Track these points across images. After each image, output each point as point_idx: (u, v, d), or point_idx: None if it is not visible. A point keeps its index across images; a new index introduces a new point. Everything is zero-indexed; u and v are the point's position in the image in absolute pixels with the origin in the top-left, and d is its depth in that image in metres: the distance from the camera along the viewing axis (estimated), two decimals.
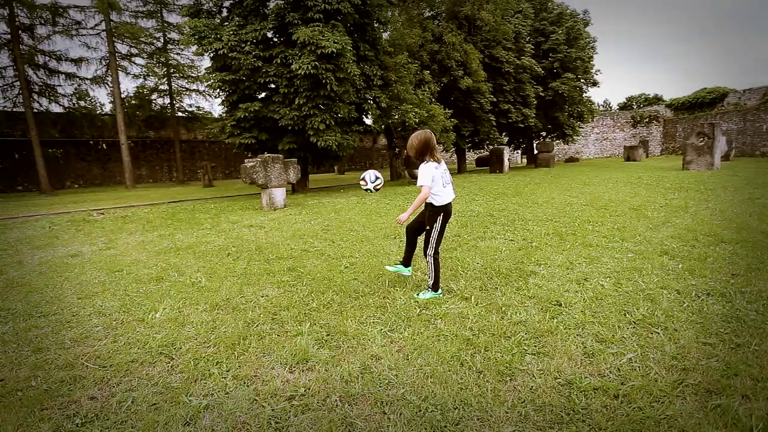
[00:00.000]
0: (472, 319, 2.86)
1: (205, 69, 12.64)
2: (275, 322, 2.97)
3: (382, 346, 2.55)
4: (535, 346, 2.46)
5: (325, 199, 11.02)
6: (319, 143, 11.90)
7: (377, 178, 3.70)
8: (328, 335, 2.72)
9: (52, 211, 11.17)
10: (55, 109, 19.71)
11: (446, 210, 3.35)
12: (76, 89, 20.63)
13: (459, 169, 23.43)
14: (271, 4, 11.29)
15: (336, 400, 2.03)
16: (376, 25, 13.92)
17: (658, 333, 2.55)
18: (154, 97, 23.62)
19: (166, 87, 23.00)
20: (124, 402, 2.10)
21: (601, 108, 51.41)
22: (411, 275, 3.79)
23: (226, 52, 11.36)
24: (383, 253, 4.83)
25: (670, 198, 8.09)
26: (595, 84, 25.47)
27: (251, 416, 1.94)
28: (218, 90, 12.61)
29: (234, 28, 11.74)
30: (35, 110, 18.01)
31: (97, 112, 21.50)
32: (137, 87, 22.56)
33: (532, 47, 22.15)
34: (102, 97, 18.80)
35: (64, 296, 3.76)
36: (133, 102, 22.09)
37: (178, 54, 21.48)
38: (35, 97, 18.58)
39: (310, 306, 3.24)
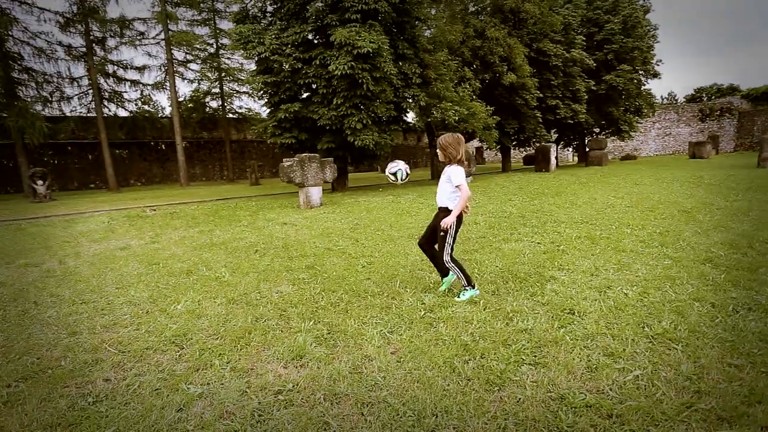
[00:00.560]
0: (476, 325, 2.78)
1: (250, 72, 13.23)
2: (282, 318, 3.07)
3: (378, 347, 2.55)
4: (535, 356, 2.35)
5: (362, 198, 11.15)
6: (356, 142, 12.06)
7: (399, 170, 3.65)
8: (328, 333, 2.77)
9: (114, 207, 12.25)
10: (122, 113, 21.56)
11: (461, 214, 3.29)
12: (141, 94, 22.47)
13: (503, 168, 22.74)
14: (311, 8, 11.58)
15: (320, 397, 2.07)
16: (415, 22, 13.84)
17: (677, 349, 2.34)
18: (207, 100, 25.11)
19: (218, 90, 24.36)
20: (132, 385, 2.27)
21: (665, 101, 47.54)
22: (426, 276, 3.75)
23: (268, 55, 11.83)
24: (403, 253, 4.81)
25: (731, 200, 7.34)
26: (656, 75, 23.64)
27: (238, 407, 2.02)
28: (261, 92, 13.16)
29: (276, 32, 12.18)
30: (105, 115, 19.79)
31: (158, 115, 23.19)
32: (192, 91, 24.12)
33: (584, 39, 20.95)
34: (163, 101, 20.39)
35: (105, 286, 4.12)
36: (189, 105, 23.62)
37: (228, 58, 22.67)
38: (105, 102, 20.42)
39: (319, 304, 3.31)
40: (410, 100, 14.22)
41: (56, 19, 17.77)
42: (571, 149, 34.62)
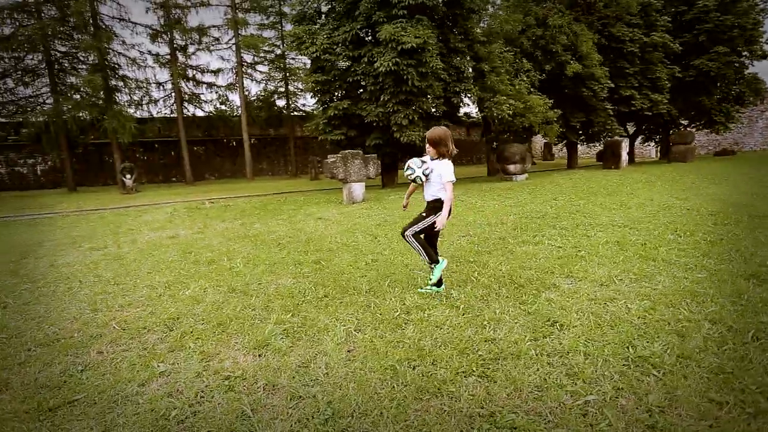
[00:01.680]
0: (444, 330, 2.69)
1: (304, 72, 13.80)
2: (266, 309, 3.23)
3: (338, 344, 2.59)
4: (488, 368, 2.22)
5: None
6: (402, 139, 12.06)
7: (423, 162, 3.28)
8: (300, 327, 2.87)
9: (183, 199, 13.58)
10: (199, 113, 23.72)
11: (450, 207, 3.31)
12: (219, 95, 24.54)
13: (569, 164, 21.27)
14: (361, 6, 11.73)
15: (260, 386, 2.16)
16: (468, 14, 13.41)
17: (654, 376, 2.07)
18: (274, 99, 26.64)
19: (284, 89, 25.73)
20: (116, 359, 2.56)
21: None
22: (423, 276, 3.70)
23: (319, 54, 12.25)
24: (413, 251, 4.75)
25: None
26: (765, 57, 20.36)
27: (187, 387, 2.20)
28: (314, 91, 13.67)
29: (328, 31, 12.57)
30: (184, 115, 21.93)
31: (230, 114, 25.12)
32: (260, 91, 25.74)
33: (668, 19, 18.71)
34: (236, 101, 22.15)
35: (139, 270, 4.63)
36: (257, 104, 25.26)
37: (293, 59, 23.82)
38: (185, 104, 22.61)
39: (306, 298, 3.42)
40: (461, 95, 13.85)
41: (147, 31, 20.02)
42: (653, 144, 31.24)
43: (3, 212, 11.79)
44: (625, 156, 17.48)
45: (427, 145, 3.30)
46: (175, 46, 21.06)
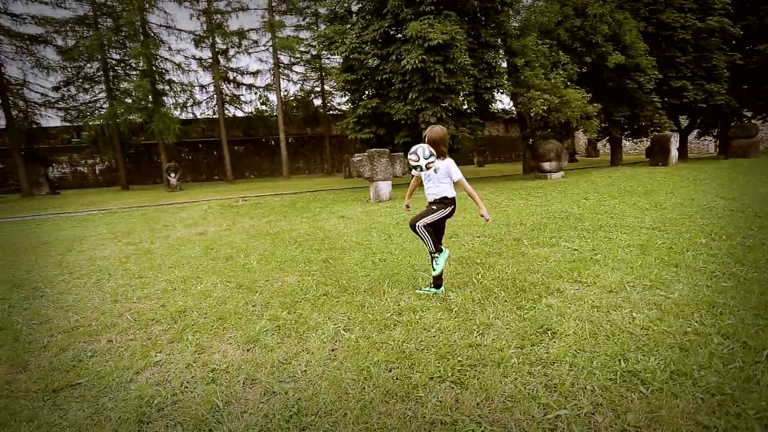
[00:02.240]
0: (432, 333, 2.66)
1: (334, 72, 14.00)
2: (266, 305, 3.33)
3: (324, 342, 2.63)
4: (465, 374, 2.17)
5: None
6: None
7: (431, 154, 3.14)
8: (292, 324, 2.94)
9: (221, 197, 14.23)
10: (239, 114, 24.72)
11: (455, 205, 3.34)
12: (259, 96, 25.47)
13: (612, 161, 20.15)
14: (389, 4, 11.72)
15: (240, 380, 2.25)
16: (501, 7, 13.03)
17: (640, 393, 1.93)
18: (311, 98, 27.24)
19: (319, 89, 26.24)
20: (121, 348, 2.75)
21: None
22: (427, 278, 3.67)
23: (348, 54, 12.38)
24: (423, 251, 4.72)
25: None
26: None
27: (175, 377, 2.33)
28: (344, 90, 13.85)
29: (357, 30, 12.67)
30: (225, 116, 22.94)
31: (269, 114, 25.99)
32: (297, 91, 26.42)
33: (728, 1, 17.17)
34: (275, 101, 22.94)
35: (163, 265, 4.92)
36: (293, 104, 25.95)
37: (328, 59, 24.21)
38: (226, 105, 23.65)
39: (305, 296, 3.49)
40: (494, 91, 13.50)
41: (191, 37, 21.12)
42: (711, 138, 28.82)
43: (63, 209, 12.93)
44: (674, 152, 16.28)
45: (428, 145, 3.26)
46: (216, 50, 22.07)
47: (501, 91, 13.19)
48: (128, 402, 2.12)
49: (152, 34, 19.39)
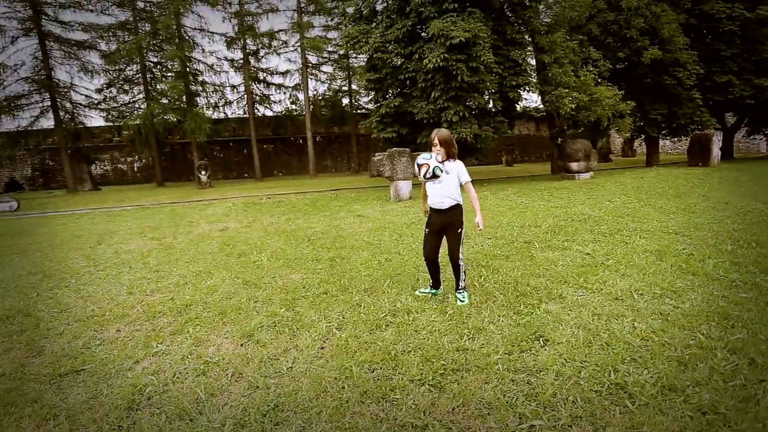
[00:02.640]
0: (422, 335, 2.65)
1: (354, 71, 14.08)
2: (267, 302, 3.42)
3: (314, 340, 2.67)
4: (447, 378, 2.15)
5: None
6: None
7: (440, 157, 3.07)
8: (289, 321, 3.00)
9: (247, 194, 14.64)
10: (268, 113, 25.33)
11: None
12: (290, 96, 26.03)
13: (648, 161, 19.23)
14: (412, 2, 11.65)
15: (228, 373, 2.33)
16: (528, 2, 12.68)
17: (621, 408, 1.85)
18: (339, 97, 27.51)
19: (347, 88, 26.46)
20: (127, 338, 2.90)
21: None
22: (427, 278, 3.65)
23: (371, 53, 12.42)
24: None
25: None
26: None
27: (170, 366, 2.44)
28: (368, 89, 13.90)
29: (381, 30, 12.69)
30: (255, 115, 23.57)
31: (297, 113, 26.47)
32: (325, 90, 26.75)
33: None
34: (303, 100, 23.47)
35: (180, 260, 5.13)
36: (321, 103, 26.29)
37: (355, 58, 24.36)
38: (256, 105, 24.28)
39: (305, 293, 3.55)
40: (521, 89, 13.17)
41: (223, 39, 21.82)
42: (762, 137, 26.88)
43: (101, 204, 13.70)
44: (716, 152, 15.30)
45: (437, 147, 3.18)
46: (247, 51, 22.69)
47: (527, 89, 12.84)
48: (123, 389, 2.24)
49: (187, 37, 20.20)
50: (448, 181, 3.17)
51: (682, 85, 15.13)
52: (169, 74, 20.71)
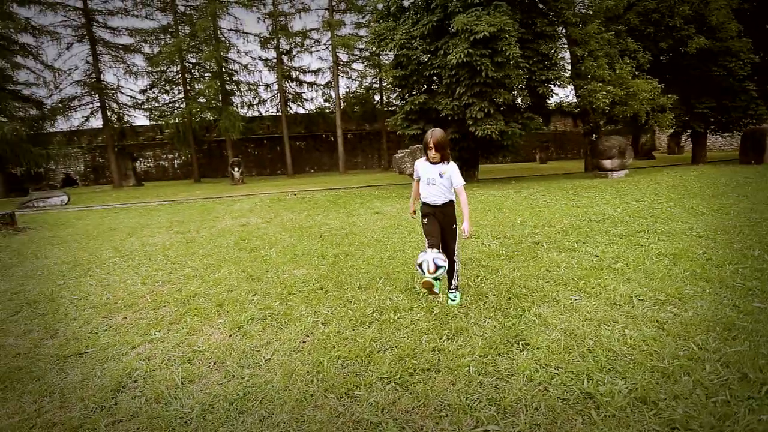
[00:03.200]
0: (402, 334, 2.66)
1: (384, 68, 14.10)
2: (264, 295, 3.53)
3: (298, 334, 2.74)
4: (415, 378, 2.15)
5: (481, 191, 10.76)
6: (477, 132, 11.59)
7: (438, 268, 2.75)
8: (279, 314, 3.09)
9: (278, 191, 15.07)
10: (300, 111, 25.88)
11: None
12: (323, 93, 26.49)
13: (693, 159, 18.01)
14: None
15: (211, 363, 2.44)
16: None
17: (585, 418, 1.78)
18: (370, 94, 27.65)
19: (378, 85, 26.55)
20: (131, 325, 3.10)
21: None
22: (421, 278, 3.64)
23: (396, 50, 12.39)
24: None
25: None
26: None
27: (161, 353, 2.59)
28: (394, 86, 13.89)
29: (407, 26, 12.63)
30: (287, 113, 24.16)
31: (328, 111, 26.88)
32: (356, 87, 26.98)
33: None
34: (335, 98, 23.90)
35: (197, 253, 5.39)
36: (352, 101, 26.54)
37: (385, 56, 24.39)
38: (289, 103, 24.87)
39: (301, 288, 3.64)
40: (551, 84, 12.70)
41: (258, 39, 22.49)
42: None
43: (141, 199, 14.57)
44: None
45: (432, 150, 3.13)
46: (280, 50, 23.26)
47: (558, 83, 12.36)
48: (115, 372, 2.40)
49: (223, 38, 21.01)
50: (442, 183, 3.14)
51: (733, 76, 14.02)
52: (207, 74, 21.63)
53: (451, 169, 3.13)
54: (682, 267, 3.55)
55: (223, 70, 20.53)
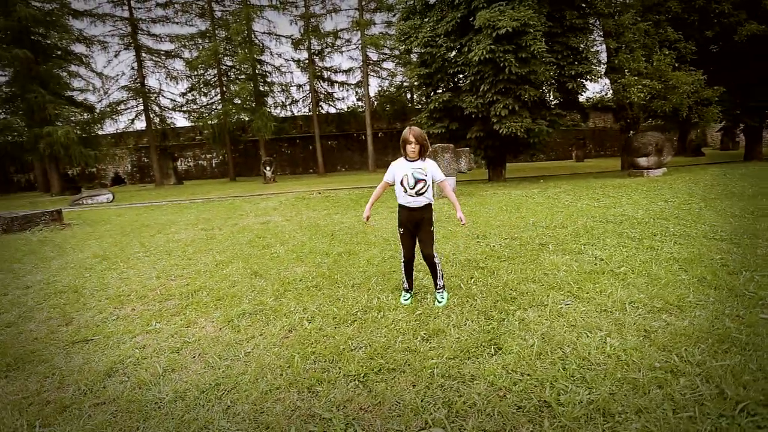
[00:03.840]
0: (380, 333, 2.69)
1: (408, 66, 14.08)
2: (260, 291, 3.67)
3: (282, 330, 2.85)
4: (379, 377, 2.19)
5: (503, 191, 10.55)
6: (501, 130, 11.35)
7: (417, 182, 2.99)
8: (269, 310, 3.21)
9: (307, 189, 15.44)
10: (332, 110, 26.29)
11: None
12: (356, 93, 26.83)
13: (747, 156, 16.70)
14: None
15: (197, 353, 2.59)
16: None
17: (532, 427, 1.75)
18: (402, 92, 27.66)
19: (408, 84, 26.49)
20: (137, 316, 3.33)
21: None
22: (419, 280, 3.66)
23: (420, 48, 12.34)
24: (442, 252, 4.64)
25: None
26: None
27: (155, 343, 2.77)
28: (418, 84, 13.84)
29: (432, 23, 12.54)
30: (319, 113, 24.63)
31: (359, 110, 27.17)
32: (387, 86, 27.06)
33: None
34: (365, 97, 24.21)
35: (213, 250, 5.66)
36: (382, 100, 26.67)
37: (413, 53, 24.28)
38: (320, 103, 25.35)
39: (297, 286, 3.75)
40: (582, 79, 12.19)
41: (290, 41, 23.08)
42: None
43: (178, 197, 15.39)
44: None
45: (412, 145, 3.15)
46: (312, 51, 23.74)
47: (589, 78, 11.83)
48: (111, 359, 2.60)
49: (256, 41, 21.74)
50: (423, 180, 3.12)
51: None
52: (242, 77, 22.49)
53: (430, 165, 3.12)
54: (692, 273, 3.34)
55: (257, 71, 21.25)
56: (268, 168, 19.15)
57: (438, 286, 3.18)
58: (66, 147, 15.88)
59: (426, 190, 3.09)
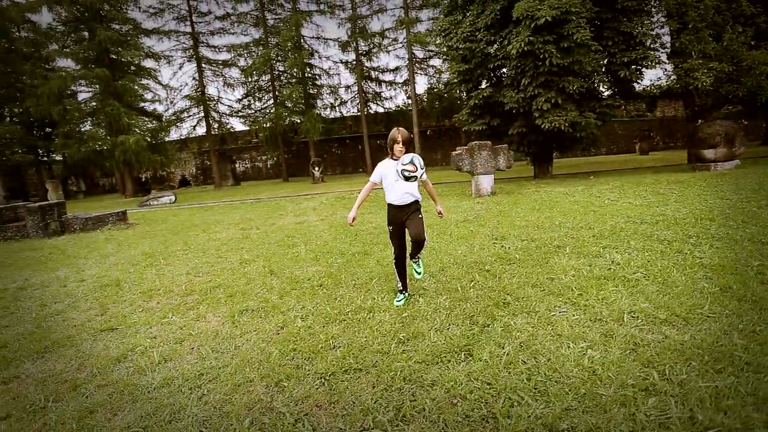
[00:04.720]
0: (363, 334, 2.76)
1: (448, 63, 13.86)
2: (270, 289, 3.89)
3: (276, 326, 3.02)
4: (343, 378, 2.26)
5: (545, 188, 10.08)
6: (543, 125, 10.82)
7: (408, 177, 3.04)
8: (271, 307, 3.41)
9: (350, 189, 15.81)
10: (380, 110, 26.58)
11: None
12: (405, 92, 26.95)
13: None
14: None
15: (196, 346, 2.83)
16: None
17: (487, 429, 1.72)
18: (450, 89, 27.24)
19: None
20: (157, 309, 3.69)
21: None
22: (416, 282, 3.69)
23: (460, 44, 12.11)
24: (446, 252, 4.60)
25: None
26: None
27: (165, 334, 3.07)
28: (458, 80, 13.58)
29: (472, 18, 12.25)
30: (367, 113, 25.03)
31: (407, 108, 27.18)
32: (434, 83, 26.79)
33: None
34: (412, 95, 24.31)
35: (243, 248, 6.04)
36: (430, 97, 26.44)
37: (456, 50, 23.81)
38: (369, 102, 25.74)
39: (303, 285, 3.92)
40: (638, 65, 11.23)
41: (337, 43, 23.68)
42: None
43: (232, 197, 16.47)
44: None
45: (400, 145, 3.18)
46: (359, 51, 24.15)
47: (645, 64, 10.86)
48: (125, 346, 2.93)
49: (306, 46, 22.58)
50: (413, 174, 3.12)
51: None
52: (293, 80, 23.49)
53: (416, 156, 3.12)
54: (717, 281, 3.02)
55: (306, 75, 22.08)
56: (316, 168, 19.86)
57: (414, 257, 3.28)
58: (136, 153, 17.74)
59: (416, 180, 3.10)
